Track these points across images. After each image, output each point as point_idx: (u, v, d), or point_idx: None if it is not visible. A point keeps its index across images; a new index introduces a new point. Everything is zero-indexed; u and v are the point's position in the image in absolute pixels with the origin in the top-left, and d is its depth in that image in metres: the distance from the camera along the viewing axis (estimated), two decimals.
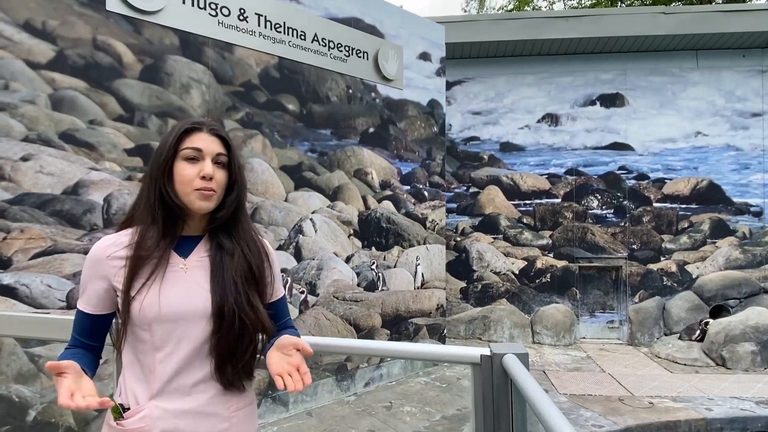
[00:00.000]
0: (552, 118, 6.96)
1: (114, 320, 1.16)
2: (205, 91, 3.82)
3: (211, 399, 1.10)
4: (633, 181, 6.76)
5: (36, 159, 3.06)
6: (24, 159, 3.02)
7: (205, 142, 1.10)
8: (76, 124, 3.21)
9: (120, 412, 1.08)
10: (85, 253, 3.15)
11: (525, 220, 6.93)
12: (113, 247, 1.09)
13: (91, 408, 0.94)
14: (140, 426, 1.07)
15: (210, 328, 1.09)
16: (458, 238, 7.04)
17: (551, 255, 6.83)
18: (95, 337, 1.12)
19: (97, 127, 3.30)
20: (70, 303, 3.09)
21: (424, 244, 5.45)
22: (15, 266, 2.96)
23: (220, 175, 1.11)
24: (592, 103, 6.87)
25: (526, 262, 6.85)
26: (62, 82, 3.17)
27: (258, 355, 1.17)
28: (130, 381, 1.10)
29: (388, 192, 5.15)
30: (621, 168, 6.79)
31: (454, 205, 7.08)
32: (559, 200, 6.86)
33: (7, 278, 2.94)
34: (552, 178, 6.91)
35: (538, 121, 6.98)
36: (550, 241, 6.85)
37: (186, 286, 1.09)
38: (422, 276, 5.40)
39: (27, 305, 2.98)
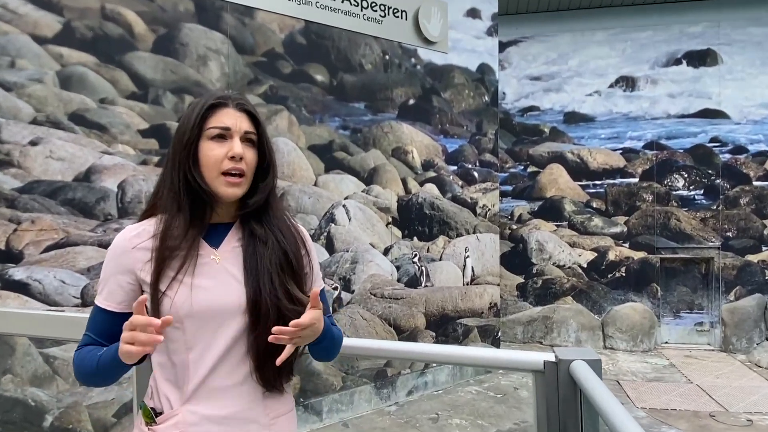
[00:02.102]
0: (627, 82, 6.77)
1: None
2: (224, 63, 3.90)
3: (250, 404, 1.15)
4: (728, 156, 6.52)
5: (45, 143, 3.21)
6: (33, 143, 3.18)
7: (232, 118, 1.13)
8: (86, 103, 3.35)
9: (152, 416, 1.13)
10: (100, 245, 3.31)
11: (594, 204, 6.80)
12: (138, 237, 1.13)
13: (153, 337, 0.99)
14: None
15: (246, 324, 1.13)
16: (514, 226, 6.99)
17: (626, 245, 6.69)
18: (114, 338, 1.15)
19: (109, 107, 3.43)
20: (85, 300, 3.26)
21: (474, 233, 5.42)
22: (27, 260, 3.14)
23: (250, 155, 1.14)
24: (677, 62, 6.63)
25: (596, 254, 6.74)
26: (70, 57, 3.30)
27: (299, 352, 1.21)
28: (162, 383, 1.15)
29: (431, 173, 5.13)
30: (713, 140, 6.55)
31: (510, 188, 7.03)
32: (636, 180, 6.70)
33: (18, 273, 3.12)
34: (627, 153, 6.74)
35: (611, 86, 6.81)
36: (626, 229, 6.69)
37: (219, 279, 1.13)
38: (472, 270, 5.38)
39: (40, 302, 3.16)
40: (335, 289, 4.40)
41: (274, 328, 1.03)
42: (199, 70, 3.78)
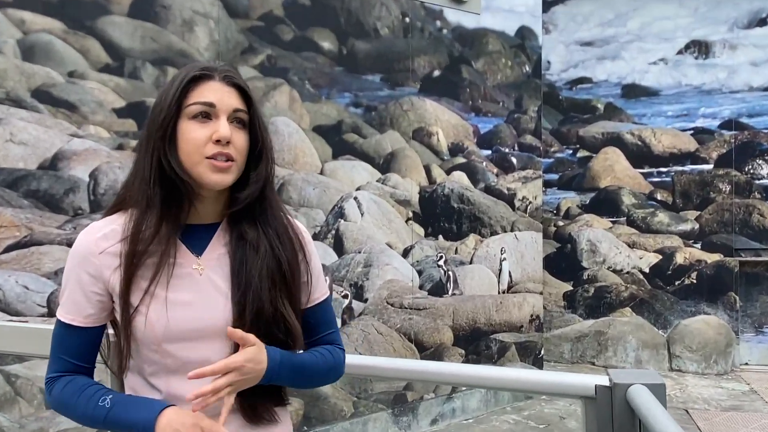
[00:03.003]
0: (700, 48, 6.71)
1: (110, 336, 1.23)
2: (213, 29, 3.93)
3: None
4: None
5: (5, 124, 3.27)
6: None
7: (218, 93, 1.12)
8: (53, 77, 3.41)
9: None
10: (69, 244, 3.36)
11: (659, 196, 6.77)
12: (106, 240, 1.13)
13: None
14: None
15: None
16: (561, 223, 6.99)
17: (698, 246, 6.65)
18: (89, 357, 1.19)
19: (79, 81, 3.48)
20: (51, 308, 3.32)
21: (512, 231, 5.41)
22: None
23: (240, 139, 1.14)
24: (761, 22, 6.55)
25: (660, 256, 6.70)
26: (33, 23, 3.35)
27: None
28: None
29: (460, 159, 5.13)
30: None
31: (555, 176, 7.03)
32: (710, 166, 6.65)
33: None
34: (700, 134, 6.70)
35: (680, 52, 6.76)
36: (697, 226, 6.65)
37: (202, 293, 1.14)
38: (509, 275, 5.37)
39: (0, 311, 3.23)
40: (345, 297, 4.42)
41: (191, 394, 1.04)
42: (184, 38, 3.81)
